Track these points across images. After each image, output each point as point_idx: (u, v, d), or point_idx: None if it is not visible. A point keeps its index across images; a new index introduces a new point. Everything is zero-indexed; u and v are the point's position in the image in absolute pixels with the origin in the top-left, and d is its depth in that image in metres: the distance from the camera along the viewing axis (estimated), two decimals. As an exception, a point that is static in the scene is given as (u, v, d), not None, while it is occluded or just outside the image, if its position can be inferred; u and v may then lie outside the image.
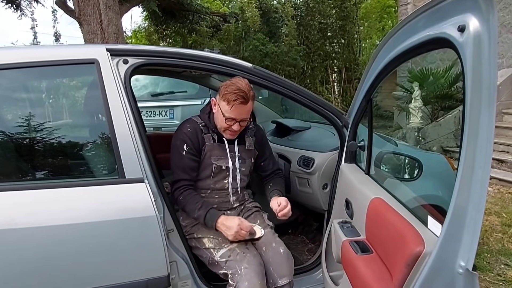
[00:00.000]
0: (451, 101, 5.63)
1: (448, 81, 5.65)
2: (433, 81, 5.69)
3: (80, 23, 6.74)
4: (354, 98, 1.74)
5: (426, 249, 0.97)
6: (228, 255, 1.57)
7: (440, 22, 0.94)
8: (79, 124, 1.69)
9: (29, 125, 1.46)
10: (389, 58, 1.23)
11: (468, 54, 0.83)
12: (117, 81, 1.51)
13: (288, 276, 1.59)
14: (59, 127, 1.51)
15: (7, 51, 1.55)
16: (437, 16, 0.96)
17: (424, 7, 1.00)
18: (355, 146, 1.74)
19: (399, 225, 1.12)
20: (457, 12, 0.89)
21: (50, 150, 1.53)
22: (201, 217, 1.61)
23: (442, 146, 5.40)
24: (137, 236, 1.44)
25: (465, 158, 0.87)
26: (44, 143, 1.50)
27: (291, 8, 9.97)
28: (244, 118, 1.65)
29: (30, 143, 1.51)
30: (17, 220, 1.32)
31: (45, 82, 1.63)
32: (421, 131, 5.32)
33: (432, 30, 0.97)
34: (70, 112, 1.66)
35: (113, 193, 1.45)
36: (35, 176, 1.53)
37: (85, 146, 1.56)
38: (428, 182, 1.84)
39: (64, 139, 1.53)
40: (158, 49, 1.70)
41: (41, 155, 1.55)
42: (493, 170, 4.63)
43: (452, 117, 5.41)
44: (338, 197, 1.84)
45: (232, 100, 1.57)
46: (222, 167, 1.71)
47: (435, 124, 5.57)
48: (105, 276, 1.42)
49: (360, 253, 1.30)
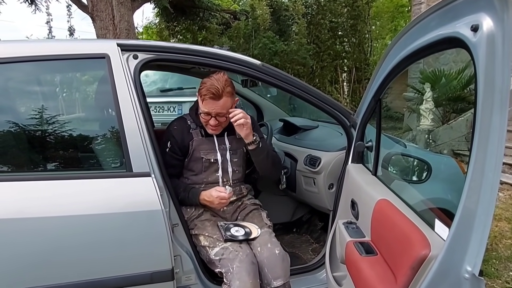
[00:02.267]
0: (464, 103, 5.54)
1: (461, 83, 5.56)
2: (445, 82, 5.60)
3: (93, 19, 6.81)
4: (363, 98, 1.72)
5: (432, 253, 0.96)
6: (222, 253, 1.57)
7: (452, 21, 0.92)
8: (89, 118, 1.71)
9: (41, 118, 1.49)
10: (400, 58, 1.22)
11: (481, 55, 0.82)
12: (127, 75, 1.52)
13: (282, 278, 1.58)
14: (70, 120, 1.54)
15: (21, 45, 1.57)
16: (449, 15, 0.94)
17: (436, 6, 0.98)
18: (362, 146, 1.73)
19: (405, 227, 1.11)
20: (470, 11, 0.87)
21: (60, 142, 1.55)
22: (185, 198, 1.70)
23: (453, 149, 5.32)
24: (143, 229, 1.46)
25: (475, 161, 0.85)
26: (54, 135, 1.52)
27: (301, 6, 9.90)
28: (219, 112, 1.66)
29: (41, 135, 1.53)
30: (26, 210, 1.34)
31: (57, 76, 1.66)
32: (432, 134, 5.25)
33: (444, 29, 0.95)
34: (81, 105, 1.69)
35: (120, 186, 1.47)
36: (45, 167, 1.56)
37: (94, 139, 1.57)
38: (437, 185, 1.81)
39: (75, 132, 1.56)
40: (167, 45, 1.71)
41: (51, 147, 1.57)
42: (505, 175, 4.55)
43: (464, 120, 5.32)
44: (344, 197, 1.82)
45: (203, 95, 1.63)
46: (211, 160, 1.74)
47: (446, 126, 5.49)
48: (110, 267, 1.44)
49: (364, 255, 1.29)
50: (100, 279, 1.42)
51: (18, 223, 1.32)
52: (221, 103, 1.64)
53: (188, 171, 1.79)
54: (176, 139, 1.74)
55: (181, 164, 1.78)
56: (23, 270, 1.33)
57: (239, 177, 1.84)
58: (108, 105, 1.54)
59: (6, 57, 1.40)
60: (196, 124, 1.77)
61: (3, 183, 1.37)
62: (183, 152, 1.75)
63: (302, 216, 2.60)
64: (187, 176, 1.79)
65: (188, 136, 1.75)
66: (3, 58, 1.39)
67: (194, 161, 1.76)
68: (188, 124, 1.78)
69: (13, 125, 1.47)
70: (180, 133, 1.75)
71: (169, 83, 4.76)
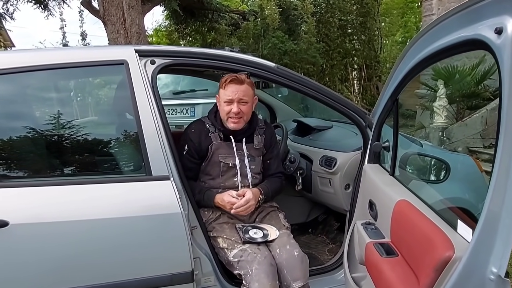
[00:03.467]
0: (478, 100, 5.45)
1: (475, 79, 5.46)
2: (459, 79, 5.51)
3: (104, 23, 6.91)
4: (379, 98, 1.71)
5: (456, 254, 0.96)
6: (240, 255, 1.58)
7: (475, 23, 0.91)
8: (108, 123, 1.75)
9: (63, 123, 1.53)
10: (418, 59, 1.21)
11: (506, 57, 0.81)
12: (145, 81, 1.55)
13: (301, 280, 1.58)
14: (91, 125, 1.57)
15: (44, 53, 1.62)
16: (472, 17, 0.93)
17: (458, 7, 0.98)
18: (379, 146, 1.72)
19: (427, 228, 1.11)
20: (494, 14, 0.86)
21: (82, 148, 1.59)
22: (201, 200, 1.71)
23: (468, 147, 5.24)
24: (163, 232, 1.49)
25: (500, 163, 0.85)
26: (76, 141, 1.56)
27: (310, 5, 9.86)
28: (242, 98, 1.68)
29: (63, 141, 1.57)
30: (49, 215, 1.38)
31: (79, 82, 1.70)
32: (446, 131, 5.18)
33: (466, 31, 0.95)
34: (101, 111, 1.72)
35: (140, 190, 1.50)
36: (67, 172, 1.60)
37: (114, 144, 1.61)
38: (456, 184, 1.79)
39: (95, 137, 1.59)
40: (183, 49, 1.74)
41: (73, 152, 1.61)
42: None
43: (479, 117, 5.23)
44: (361, 198, 1.82)
45: (224, 82, 1.67)
46: (229, 165, 1.74)
47: (460, 123, 5.41)
48: (131, 270, 1.47)
49: (385, 256, 1.29)
50: (121, 281, 1.45)
51: (40, 227, 1.35)
52: (243, 88, 1.67)
53: (205, 175, 1.79)
54: (193, 142, 1.75)
55: (197, 167, 1.79)
56: (46, 273, 1.37)
57: (257, 183, 1.84)
58: (128, 110, 1.57)
59: (32, 65, 1.44)
60: (214, 127, 1.77)
61: (28, 189, 1.42)
62: (200, 155, 1.76)
63: (318, 217, 2.60)
64: (204, 180, 1.80)
65: (207, 139, 1.75)
66: (29, 66, 1.44)
67: (212, 165, 1.76)
68: (207, 128, 1.78)
69: (36, 131, 1.51)
70: (198, 136, 1.76)
71: (181, 85, 4.80)
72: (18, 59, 1.47)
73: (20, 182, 1.45)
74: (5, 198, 1.37)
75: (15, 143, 1.51)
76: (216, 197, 1.71)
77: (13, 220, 1.32)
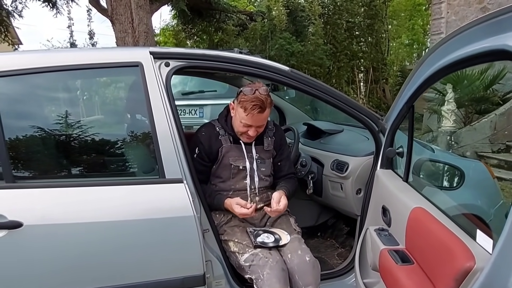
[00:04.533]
0: (487, 104, 5.40)
1: (484, 83, 5.42)
2: (467, 83, 5.48)
3: (112, 22, 6.94)
4: (394, 103, 1.70)
5: (477, 265, 0.95)
6: (251, 260, 1.58)
7: (501, 34, 0.90)
8: (123, 124, 1.75)
9: (76, 125, 1.53)
10: (438, 66, 1.20)
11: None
12: (159, 83, 1.55)
13: (313, 285, 1.58)
14: (105, 126, 1.58)
15: (62, 54, 1.62)
16: (498, 28, 0.92)
17: (484, 17, 0.96)
18: (393, 152, 1.71)
19: (445, 237, 1.10)
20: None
21: (95, 149, 1.59)
22: (211, 204, 1.70)
23: (476, 151, 5.20)
24: (176, 234, 1.49)
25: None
26: (89, 142, 1.56)
27: (318, 7, 9.87)
28: (261, 125, 1.69)
29: (76, 142, 1.58)
30: (61, 216, 1.38)
31: (94, 83, 1.70)
32: (454, 135, 5.14)
33: (491, 41, 0.94)
34: (116, 112, 1.73)
35: (154, 193, 1.50)
36: (80, 174, 1.60)
37: (128, 146, 1.61)
38: (469, 191, 1.78)
39: (109, 138, 1.60)
40: (198, 52, 1.73)
41: (87, 154, 1.61)
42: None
43: (488, 121, 5.19)
44: (373, 203, 1.81)
45: (249, 109, 1.61)
46: (239, 167, 1.75)
47: (469, 128, 5.37)
48: (144, 272, 1.47)
49: (400, 263, 1.28)
50: (133, 284, 1.45)
51: (54, 229, 1.36)
52: (265, 115, 1.67)
53: (216, 178, 1.79)
54: (204, 145, 1.75)
55: (207, 170, 1.79)
56: (58, 274, 1.38)
57: (267, 185, 1.84)
58: (142, 112, 1.58)
59: (50, 66, 1.45)
60: (225, 130, 1.77)
61: (42, 190, 1.42)
62: (210, 158, 1.76)
63: (327, 221, 2.59)
64: (214, 183, 1.80)
65: (217, 142, 1.76)
66: (49, 67, 1.44)
67: (222, 168, 1.76)
68: (217, 131, 1.78)
69: (50, 132, 1.53)
70: (208, 139, 1.76)
71: (189, 86, 4.81)
72: (37, 60, 1.48)
73: (34, 183, 1.46)
74: (20, 199, 1.38)
75: (29, 144, 1.52)
76: (225, 203, 1.71)
77: (27, 221, 1.32)
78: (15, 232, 1.32)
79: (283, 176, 1.89)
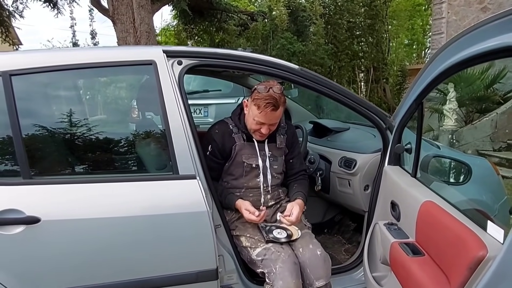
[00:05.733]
0: (488, 103, 5.45)
1: (484, 82, 5.46)
2: (469, 82, 5.52)
3: (113, 22, 6.94)
4: (402, 100, 1.73)
5: (490, 254, 0.98)
6: (264, 254, 1.60)
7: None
8: (137, 122, 1.78)
9: (93, 122, 1.56)
10: (450, 63, 1.23)
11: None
12: (172, 81, 1.58)
13: (324, 278, 1.61)
14: (120, 124, 1.61)
15: (79, 52, 1.65)
16: (509, 26, 0.95)
17: (497, 15, 1.00)
18: (402, 148, 1.74)
19: (457, 229, 1.13)
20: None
21: (110, 146, 1.62)
22: (223, 203, 1.72)
23: (477, 150, 5.24)
24: (190, 230, 1.51)
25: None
26: (104, 139, 1.59)
27: (319, 7, 9.90)
28: (274, 123, 1.71)
29: (92, 139, 1.60)
30: (78, 212, 1.41)
31: (109, 81, 1.73)
32: (455, 134, 5.18)
33: (504, 38, 0.97)
34: (129, 110, 1.75)
35: (168, 189, 1.53)
36: (96, 171, 1.63)
37: (142, 143, 1.64)
38: (475, 186, 1.81)
39: (124, 136, 1.63)
40: (210, 50, 1.76)
41: (102, 150, 1.64)
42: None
43: (489, 120, 5.24)
44: (381, 199, 1.84)
45: (262, 106, 1.63)
46: (252, 165, 1.76)
47: (470, 127, 5.41)
48: (158, 266, 1.50)
49: (412, 255, 1.31)
50: (149, 278, 1.48)
51: (71, 224, 1.39)
52: (278, 114, 1.68)
53: (228, 175, 1.82)
54: (217, 142, 1.77)
55: (220, 167, 1.81)
56: (75, 269, 1.40)
57: (278, 183, 1.86)
58: (156, 110, 1.61)
59: (65, 64, 1.47)
60: (238, 128, 1.79)
61: (60, 186, 1.45)
62: (223, 156, 1.78)
63: (334, 217, 2.62)
64: (227, 180, 1.82)
65: (230, 140, 1.77)
66: (63, 65, 1.47)
67: (235, 165, 1.78)
68: (230, 128, 1.80)
69: (66, 129, 1.55)
70: (221, 137, 1.78)
71: (192, 85, 4.83)
72: (52, 59, 1.50)
73: (52, 180, 1.48)
74: (38, 195, 1.41)
75: (45, 140, 1.54)
76: (236, 204, 1.73)
77: (45, 216, 1.35)
78: (33, 227, 1.34)
79: (295, 174, 1.92)
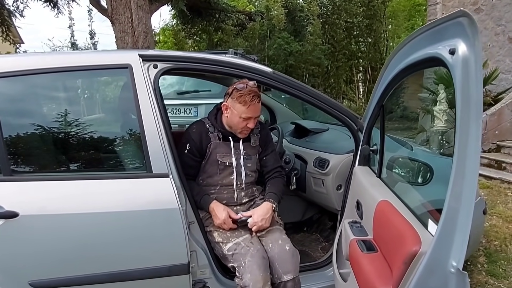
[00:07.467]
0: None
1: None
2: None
3: (112, 22, 7.02)
4: (368, 103, 1.80)
5: (422, 249, 1.05)
6: (234, 249, 1.68)
7: (437, 43, 1.02)
8: (113, 122, 1.86)
9: (69, 122, 1.64)
10: (398, 69, 1.31)
11: (458, 74, 0.91)
12: (147, 84, 1.65)
13: (292, 272, 1.67)
14: (97, 124, 1.69)
15: (58, 56, 1.74)
16: (436, 37, 1.04)
17: (426, 27, 1.07)
18: (368, 149, 1.81)
19: (400, 226, 1.20)
20: (449, 36, 0.97)
21: (87, 145, 1.70)
22: (197, 202, 1.79)
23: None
24: (162, 226, 1.58)
25: (456, 165, 0.95)
26: (81, 138, 1.67)
27: (317, 7, 9.95)
28: (258, 115, 1.82)
29: (69, 138, 1.69)
30: (54, 207, 1.48)
31: (86, 84, 1.81)
32: (445, 135, 5.22)
33: (430, 49, 1.05)
34: (106, 111, 1.83)
35: (141, 187, 1.60)
36: (73, 168, 1.71)
37: (118, 143, 1.72)
38: (437, 187, 1.88)
39: (100, 135, 1.71)
40: (184, 54, 1.84)
41: (79, 149, 1.72)
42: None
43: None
44: (350, 198, 1.91)
45: (249, 101, 1.73)
46: (226, 163, 1.83)
47: (460, 127, 5.43)
48: (133, 260, 1.57)
49: (365, 251, 1.38)
50: (124, 270, 1.56)
51: (48, 219, 1.46)
52: (260, 105, 1.80)
53: (204, 173, 1.88)
54: (194, 141, 1.84)
55: (198, 165, 1.88)
56: (52, 262, 1.48)
57: (252, 181, 1.93)
58: (131, 111, 1.68)
59: (48, 67, 1.56)
60: (214, 127, 1.87)
61: (38, 183, 1.53)
62: (200, 154, 1.86)
63: (312, 216, 2.69)
64: (203, 178, 1.89)
65: (206, 139, 1.85)
66: (46, 68, 1.55)
67: (210, 164, 1.85)
68: (207, 128, 1.87)
69: (45, 128, 1.63)
70: (199, 135, 1.84)
71: (186, 86, 4.91)
72: (35, 62, 1.59)
73: (31, 177, 1.57)
74: (17, 191, 1.49)
75: (26, 139, 1.62)
76: (210, 206, 1.79)
77: (23, 211, 1.43)
78: (11, 221, 1.42)
79: (270, 172, 1.99)
